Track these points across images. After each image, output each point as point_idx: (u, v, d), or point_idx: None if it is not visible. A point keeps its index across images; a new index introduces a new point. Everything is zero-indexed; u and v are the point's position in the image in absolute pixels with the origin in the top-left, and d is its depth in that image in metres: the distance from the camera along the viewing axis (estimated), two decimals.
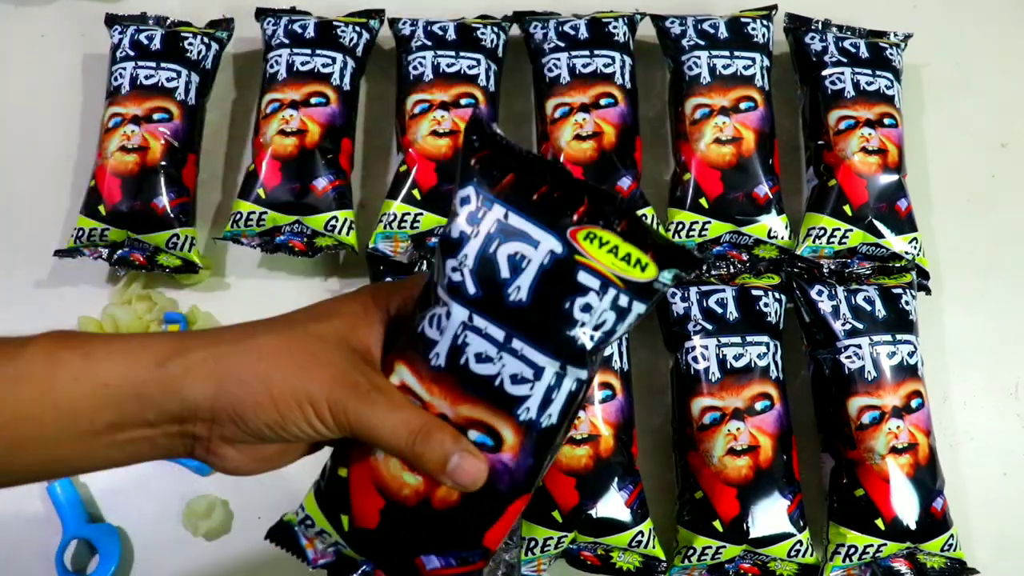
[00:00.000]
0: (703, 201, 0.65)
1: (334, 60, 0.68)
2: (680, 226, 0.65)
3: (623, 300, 0.36)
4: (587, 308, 0.36)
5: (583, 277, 0.36)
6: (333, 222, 0.64)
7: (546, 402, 0.37)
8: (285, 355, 0.36)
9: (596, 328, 0.37)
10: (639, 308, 0.37)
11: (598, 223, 0.36)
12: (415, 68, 0.67)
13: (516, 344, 0.36)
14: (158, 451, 0.37)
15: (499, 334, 0.36)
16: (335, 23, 0.70)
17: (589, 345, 0.37)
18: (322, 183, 0.64)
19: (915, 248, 0.65)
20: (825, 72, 0.68)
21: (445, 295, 0.37)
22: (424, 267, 0.63)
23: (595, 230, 0.35)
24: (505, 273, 0.36)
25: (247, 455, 0.38)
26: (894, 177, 0.65)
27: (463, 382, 0.37)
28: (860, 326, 0.61)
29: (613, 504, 0.57)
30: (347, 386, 0.36)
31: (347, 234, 0.65)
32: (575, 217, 0.36)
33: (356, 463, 0.39)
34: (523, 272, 0.36)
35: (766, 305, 0.62)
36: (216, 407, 0.36)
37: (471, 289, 0.36)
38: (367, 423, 0.36)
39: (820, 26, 0.71)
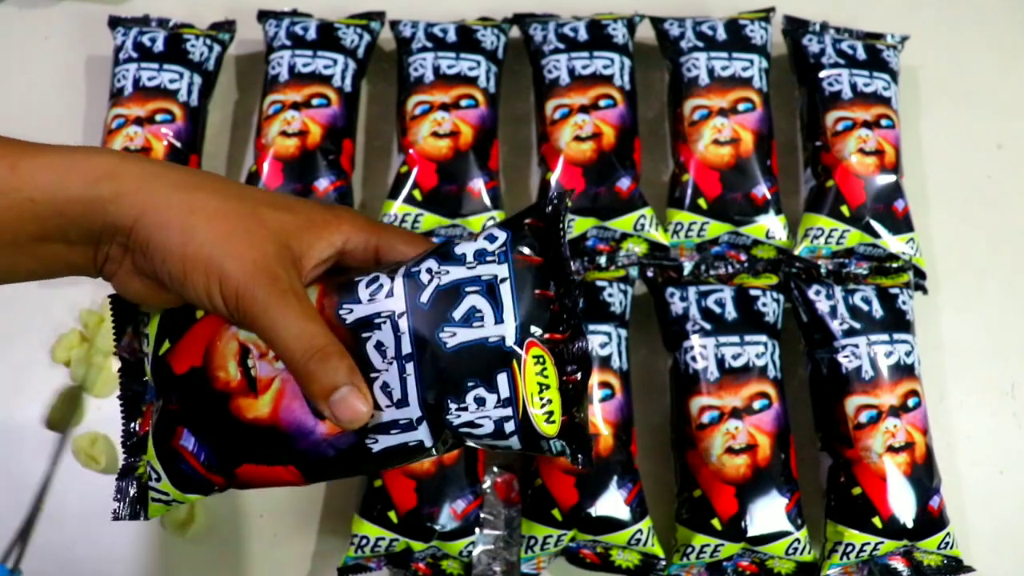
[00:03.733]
0: (701, 202, 0.65)
1: (335, 62, 0.68)
2: (679, 226, 0.65)
3: (508, 427, 0.36)
4: (480, 401, 0.36)
5: (501, 379, 0.35)
6: None
7: (384, 428, 0.36)
8: (218, 220, 0.35)
9: (469, 423, 0.36)
10: (514, 443, 0.36)
11: (556, 358, 0.36)
12: (416, 69, 0.68)
13: (409, 368, 0.36)
14: (71, 269, 0.37)
15: (407, 349, 0.36)
16: (336, 25, 0.70)
17: (453, 424, 0.36)
18: (324, 184, 0.65)
19: (912, 248, 0.65)
20: (823, 74, 0.68)
21: (401, 280, 0.37)
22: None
23: (547, 358, 0.36)
24: (457, 315, 0.36)
25: (150, 291, 0.37)
26: (891, 178, 0.65)
27: (352, 348, 0.36)
28: (857, 326, 0.61)
29: (612, 502, 0.57)
30: (268, 276, 0.34)
31: None
32: (546, 336, 0.36)
33: (213, 319, 0.38)
34: (468, 328, 0.36)
35: (764, 305, 0.63)
36: (132, 236, 0.35)
37: (423, 299, 0.36)
38: (271, 320, 0.34)
39: (818, 28, 0.72)
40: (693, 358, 0.61)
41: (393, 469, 0.38)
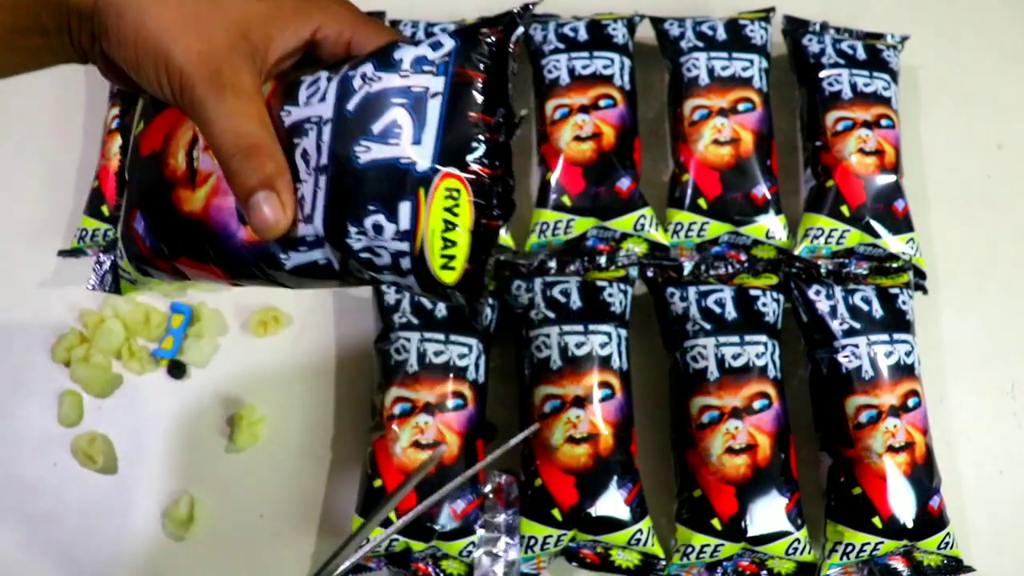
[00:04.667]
0: (701, 202, 0.65)
1: None
2: (679, 226, 0.65)
3: (404, 263, 0.33)
4: (378, 229, 0.32)
5: (403, 208, 0.32)
6: None
7: (292, 244, 0.34)
8: (171, 7, 0.34)
9: (368, 249, 0.33)
10: (412, 283, 0.33)
11: (478, 194, 0.32)
12: None
13: (321, 182, 0.33)
14: (57, 58, 0.37)
15: (324, 160, 0.33)
16: None
17: (353, 248, 0.33)
18: None
19: (912, 248, 0.65)
20: (823, 74, 0.68)
21: (336, 83, 0.34)
22: None
23: (464, 194, 0.32)
24: (376, 128, 0.33)
25: (124, 78, 0.37)
26: (891, 178, 0.65)
27: (288, 155, 0.34)
28: (857, 326, 0.61)
29: (612, 502, 0.58)
30: (209, 69, 0.33)
31: None
32: (470, 168, 0.32)
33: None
34: (384, 144, 0.32)
35: (764, 305, 0.63)
36: (94, 22, 0.35)
37: (349, 107, 0.33)
38: (205, 113, 0.33)
39: (818, 28, 0.72)
40: (693, 358, 0.61)
41: (314, 287, 0.36)
